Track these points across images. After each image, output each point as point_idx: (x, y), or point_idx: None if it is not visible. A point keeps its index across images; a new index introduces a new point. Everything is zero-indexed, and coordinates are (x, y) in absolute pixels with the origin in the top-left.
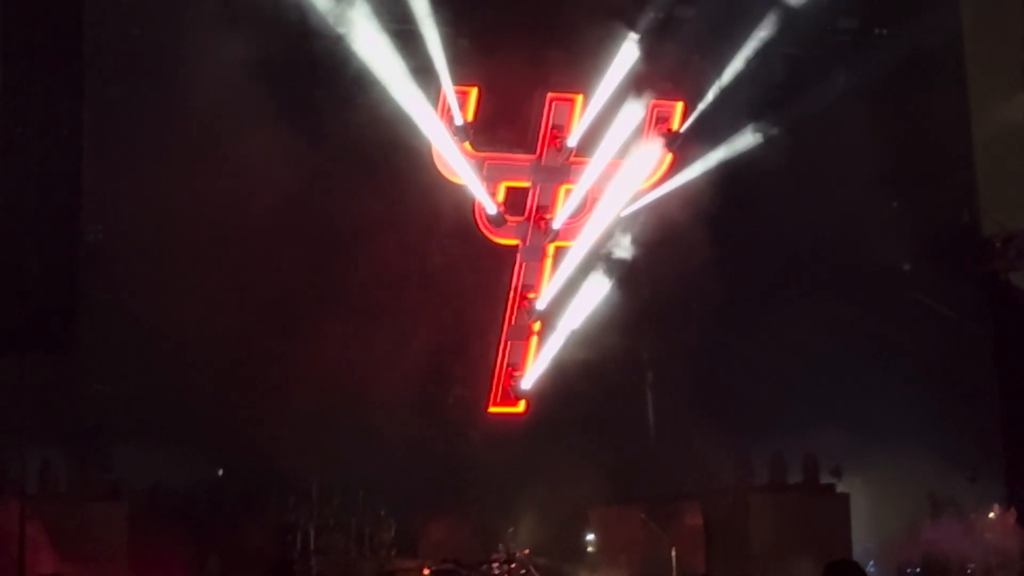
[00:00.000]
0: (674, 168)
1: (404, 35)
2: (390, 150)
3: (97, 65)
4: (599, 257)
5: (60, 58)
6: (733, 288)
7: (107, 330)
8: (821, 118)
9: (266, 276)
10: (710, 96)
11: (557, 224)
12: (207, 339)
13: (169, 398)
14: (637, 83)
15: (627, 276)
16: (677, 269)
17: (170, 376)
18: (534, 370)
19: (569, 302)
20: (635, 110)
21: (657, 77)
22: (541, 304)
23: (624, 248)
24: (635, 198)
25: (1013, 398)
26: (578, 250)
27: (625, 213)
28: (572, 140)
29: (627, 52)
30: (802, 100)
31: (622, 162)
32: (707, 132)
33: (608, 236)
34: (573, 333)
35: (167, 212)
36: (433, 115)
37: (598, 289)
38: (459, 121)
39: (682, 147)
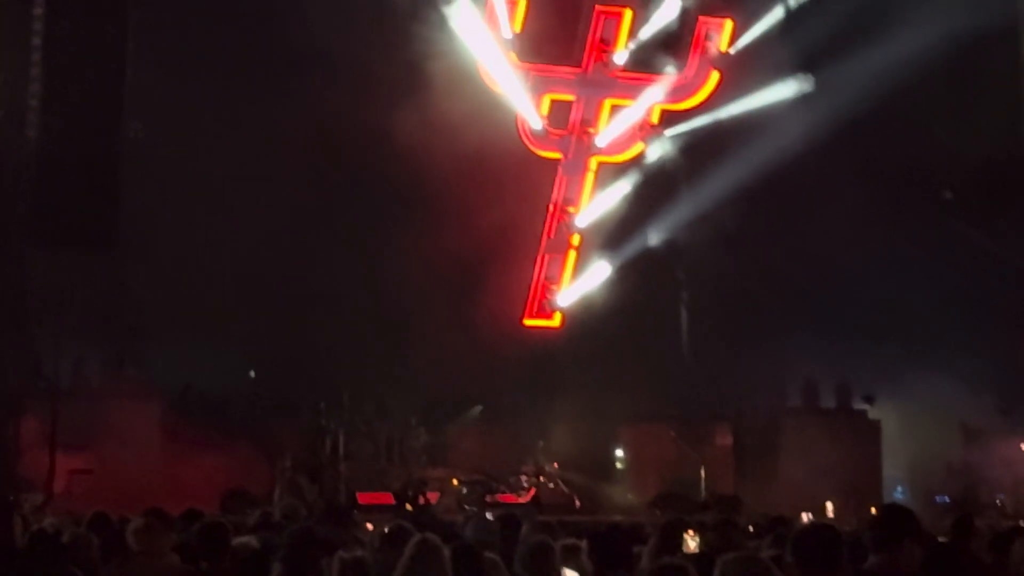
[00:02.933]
0: (721, 87)
1: None
2: (436, 58)
3: None
4: (641, 175)
5: None
6: (775, 211)
7: (148, 230)
8: (869, 42)
9: (308, 182)
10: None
11: (601, 140)
12: (246, 242)
13: (205, 300)
14: None
15: (669, 195)
16: (720, 189)
17: (207, 278)
18: (571, 284)
19: (610, 219)
20: (684, 26)
21: None
22: (581, 219)
23: (667, 166)
24: (681, 116)
25: None
26: (622, 167)
27: (671, 132)
28: (619, 54)
29: None
30: (852, 31)
31: (669, 78)
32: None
33: (652, 154)
34: (612, 250)
35: (212, 115)
36: (480, 24)
37: (639, 207)
38: (506, 32)
39: (730, 66)
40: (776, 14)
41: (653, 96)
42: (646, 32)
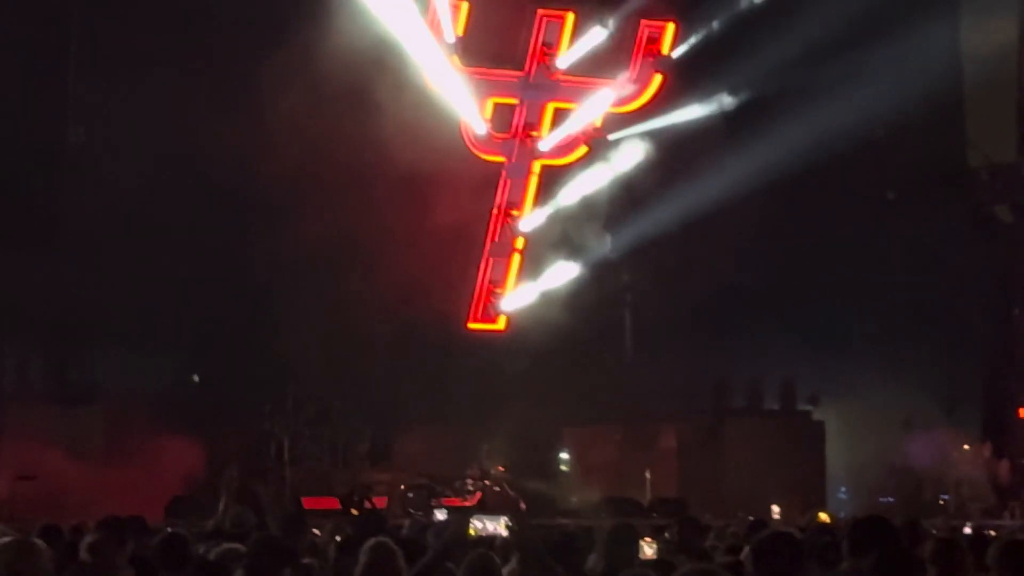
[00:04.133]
0: (663, 91)
1: None
2: (382, 64)
3: None
4: (585, 180)
5: None
6: (720, 214)
7: (89, 232)
8: (813, 49)
9: (248, 185)
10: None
11: (544, 143)
12: (187, 245)
13: (147, 303)
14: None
15: (612, 199)
16: (664, 192)
17: (149, 281)
18: (515, 288)
19: (554, 223)
20: (626, 30)
21: None
22: (525, 223)
23: (610, 172)
24: (623, 120)
25: (994, 332)
26: (566, 172)
27: (613, 136)
28: (561, 58)
29: None
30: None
31: (611, 82)
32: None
33: (595, 158)
34: (556, 254)
35: (153, 118)
36: (423, 29)
37: (583, 211)
38: (449, 36)
39: (673, 71)
40: (720, 19)
41: (597, 100)
42: (589, 35)
